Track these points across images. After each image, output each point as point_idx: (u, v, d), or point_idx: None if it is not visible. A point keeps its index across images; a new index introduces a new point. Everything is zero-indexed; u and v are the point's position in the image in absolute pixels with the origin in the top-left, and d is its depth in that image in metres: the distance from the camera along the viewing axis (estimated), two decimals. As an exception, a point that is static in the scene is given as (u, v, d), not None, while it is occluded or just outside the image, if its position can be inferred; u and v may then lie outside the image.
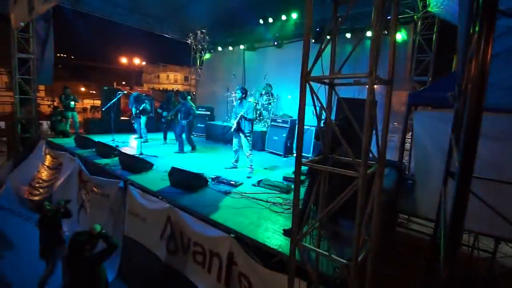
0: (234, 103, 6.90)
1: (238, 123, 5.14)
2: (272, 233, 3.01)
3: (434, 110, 4.94)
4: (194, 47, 12.34)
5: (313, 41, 8.77)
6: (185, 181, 4.22)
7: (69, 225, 5.85)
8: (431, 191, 4.13)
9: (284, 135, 6.91)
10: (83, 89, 37.89)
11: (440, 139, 3.92)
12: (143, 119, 7.70)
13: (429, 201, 4.15)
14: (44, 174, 6.95)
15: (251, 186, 4.57)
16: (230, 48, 10.87)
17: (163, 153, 6.73)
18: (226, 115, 9.50)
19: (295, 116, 7.61)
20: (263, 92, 8.49)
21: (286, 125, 6.97)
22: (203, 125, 9.50)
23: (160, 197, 3.95)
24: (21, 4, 6.36)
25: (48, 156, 7.20)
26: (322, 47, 1.95)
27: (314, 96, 1.82)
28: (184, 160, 6.17)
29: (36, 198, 6.59)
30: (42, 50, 8.32)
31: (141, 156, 6.03)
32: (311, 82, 1.84)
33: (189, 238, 3.49)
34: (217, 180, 4.64)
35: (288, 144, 6.93)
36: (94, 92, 33.85)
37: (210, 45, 12.03)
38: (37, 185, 6.91)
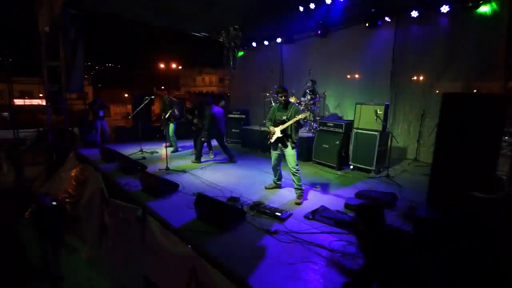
0: (272, 105, 5.74)
1: (285, 131, 3.96)
2: (356, 330, 1.80)
3: None
4: (227, 45, 11.44)
5: (367, 25, 7.26)
6: (216, 214, 3.16)
7: (91, 251, 5.25)
8: None
9: (337, 142, 5.51)
10: (126, 95, 39.98)
11: None
12: (171, 126, 6.91)
13: None
14: (72, 188, 6.50)
15: (303, 219, 3.36)
16: (266, 42, 9.72)
17: (193, 165, 5.83)
18: (263, 118, 8.36)
19: (345, 117, 6.19)
20: (307, 91, 7.18)
21: (340, 130, 5.56)
22: (237, 131, 8.46)
23: (182, 239, 2.95)
24: (44, 8, 5.94)
25: (76, 169, 6.76)
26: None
27: None
28: (216, 175, 5.17)
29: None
30: (72, 58, 8.02)
31: (166, 173, 5.20)
32: None
33: (221, 306, 2.42)
34: (257, 209, 3.51)
35: (343, 154, 5.52)
36: (135, 98, 35.55)
37: (243, 41, 11.00)
38: (66, 199, 6.48)
